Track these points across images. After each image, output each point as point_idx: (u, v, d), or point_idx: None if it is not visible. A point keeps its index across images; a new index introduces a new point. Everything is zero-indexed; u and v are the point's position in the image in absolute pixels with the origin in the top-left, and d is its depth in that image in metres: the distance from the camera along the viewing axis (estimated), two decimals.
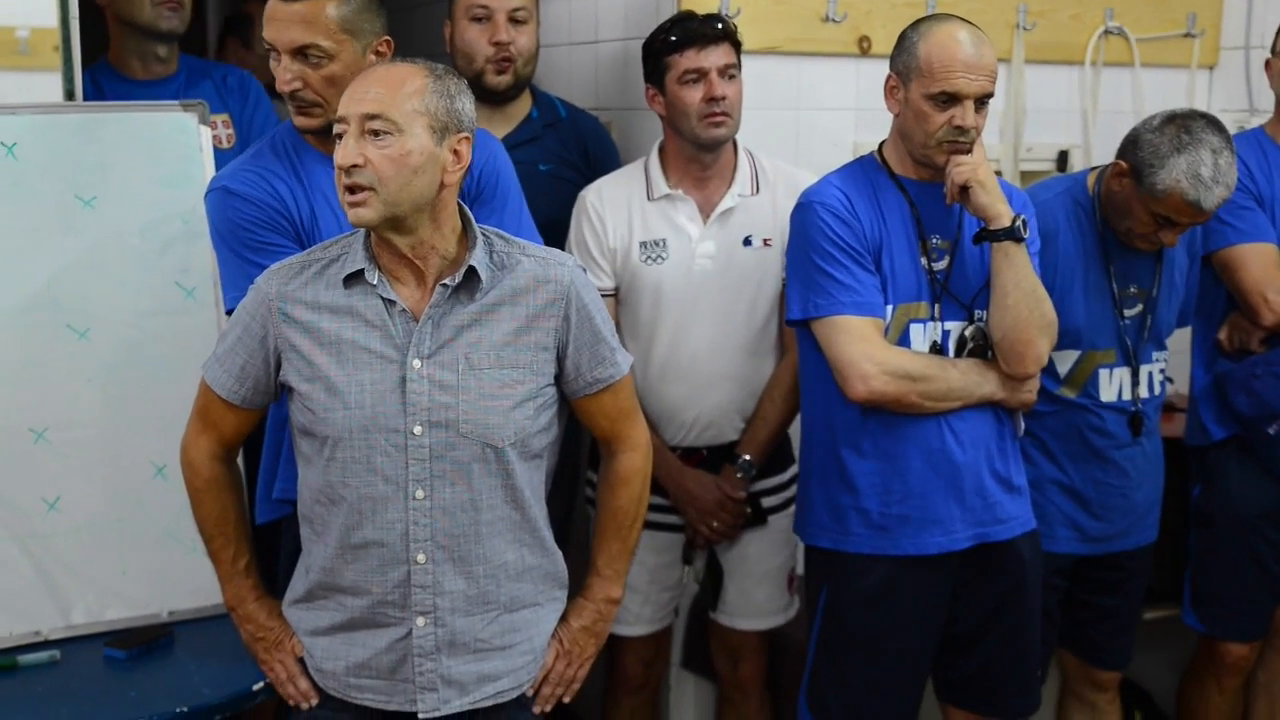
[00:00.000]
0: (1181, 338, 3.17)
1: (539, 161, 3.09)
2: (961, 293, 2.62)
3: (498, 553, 2.13)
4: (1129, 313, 2.89)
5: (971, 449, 2.60)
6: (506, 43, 3.02)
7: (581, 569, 2.27)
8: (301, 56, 2.36)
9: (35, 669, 2.43)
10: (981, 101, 2.52)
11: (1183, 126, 2.71)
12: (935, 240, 2.61)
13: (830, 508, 2.65)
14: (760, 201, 2.96)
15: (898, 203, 2.61)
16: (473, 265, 2.07)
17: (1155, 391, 2.95)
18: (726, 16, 3.02)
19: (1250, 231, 3.09)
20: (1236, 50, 3.79)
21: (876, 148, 2.68)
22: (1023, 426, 2.71)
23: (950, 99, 2.50)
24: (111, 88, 3.13)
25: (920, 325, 2.60)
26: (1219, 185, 2.68)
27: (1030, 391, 2.64)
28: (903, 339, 2.59)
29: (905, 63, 2.54)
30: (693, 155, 2.92)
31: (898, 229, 2.60)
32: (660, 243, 2.92)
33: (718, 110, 2.83)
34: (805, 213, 2.60)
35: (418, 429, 2.06)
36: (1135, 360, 2.90)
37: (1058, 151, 3.68)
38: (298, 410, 2.14)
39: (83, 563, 2.57)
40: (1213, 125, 2.73)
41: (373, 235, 2.09)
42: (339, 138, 2.03)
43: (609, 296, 2.92)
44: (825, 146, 3.30)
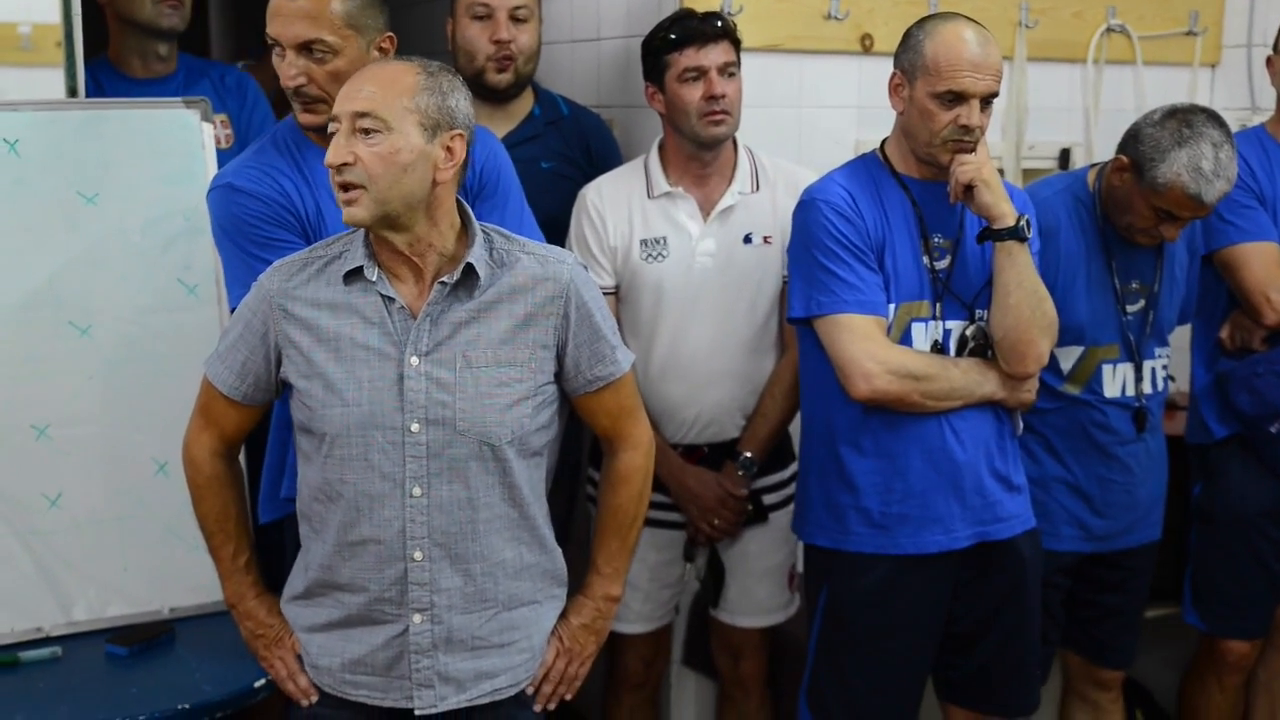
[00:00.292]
0: (1182, 336, 3.17)
1: (541, 159, 3.09)
2: (963, 292, 2.61)
3: (495, 550, 2.13)
4: (1131, 308, 2.89)
5: (972, 448, 2.60)
6: (507, 41, 3.01)
7: (583, 566, 2.27)
8: (306, 52, 2.36)
9: (36, 666, 2.43)
10: (987, 101, 2.52)
11: (1183, 120, 2.71)
12: (937, 239, 2.61)
13: (829, 506, 2.65)
14: (760, 199, 2.96)
15: (900, 201, 2.61)
16: (470, 262, 2.07)
17: (1158, 387, 2.95)
18: (727, 14, 3.01)
19: (1252, 230, 3.09)
20: (1238, 48, 3.79)
21: (879, 145, 2.68)
22: (1021, 425, 2.71)
23: (956, 98, 2.50)
24: (111, 85, 3.12)
25: (922, 324, 2.59)
26: (1220, 179, 2.68)
27: (1030, 391, 2.64)
28: (904, 338, 2.58)
29: (911, 61, 2.54)
30: (692, 153, 2.92)
31: (900, 227, 2.59)
32: (661, 240, 2.92)
33: (717, 108, 2.83)
34: (808, 210, 2.60)
35: (415, 426, 2.06)
36: (1138, 355, 2.90)
37: (1060, 149, 3.67)
38: (297, 407, 2.14)
39: (84, 559, 2.57)
40: (1213, 119, 2.73)
41: (371, 233, 2.09)
42: (333, 135, 2.04)
43: (609, 295, 2.91)
44: (827, 144, 3.30)
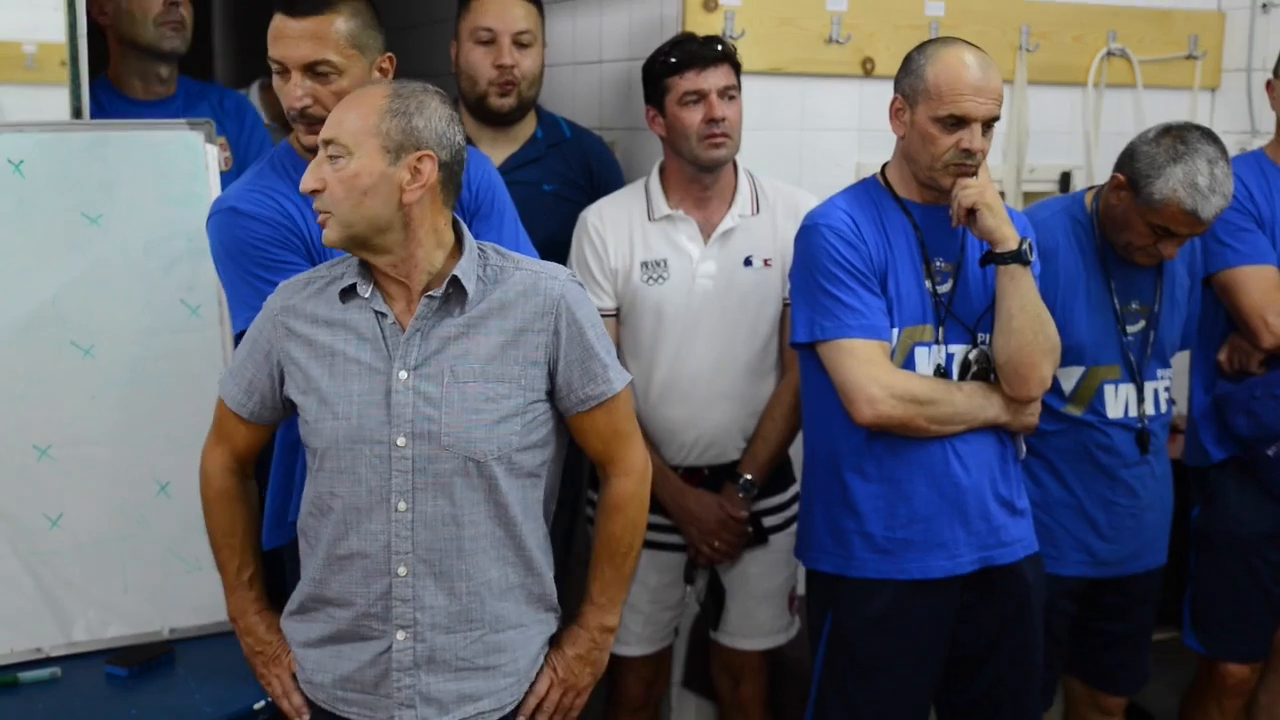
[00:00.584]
0: (1181, 358, 3.17)
1: (543, 181, 3.10)
2: (965, 316, 2.62)
3: (481, 569, 2.12)
4: (1132, 329, 2.89)
5: (975, 472, 2.60)
6: (510, 66, 3.02)
7: (583, 589, 2.26)
8: (312, 73, 2.36)
9: (36, 686, 2.43)
10: (988, 125, 2.52)
11: (1178, 137, 2.72)
12: (939, 263, 2.61)
13: (833, 532, 2.65)
14: (760, 222, 2.97)
15: (902, 225, 2.61)
16: (456, 276, 2.07)
17: (1161, 409, 2.95)
18: (727, 38, 3.03)
19: (1250, 253, 3.09)
20: (1238, 72, 3.81)
21: (880, 170, 2.69)
22: (1024, 449, 2.71)
23: (958, 122, 2.50)
24: (111, 105, 3.12)
25: (925, 348, 2.59)
26: (1215, 194, 2.68)
27: (1033, 415, 2.64)
28: (908, 362, 2.58)
29: (912, 85, 2.54)
30: (693, 176, 2.93)
31: (902, 251, 2.60)
32: (661, 263, 2.93)
33: (717, 131, 2.84)
34: (811, 235, 2.60)
35: (401, 440, 2.07)
36: (1139, 376, 2.90)
37: (1060, 172, 3.69)
38: (299, 424, 2.16)
39: (84, 580, 2.57)
40: (1208, 136, 2.74)
41: None
42: None
43: (610, 317, 2.92)
44: (828, 167, 3.31)
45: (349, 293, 2.11)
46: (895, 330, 2.58)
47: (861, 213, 2.60)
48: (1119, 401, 2.89)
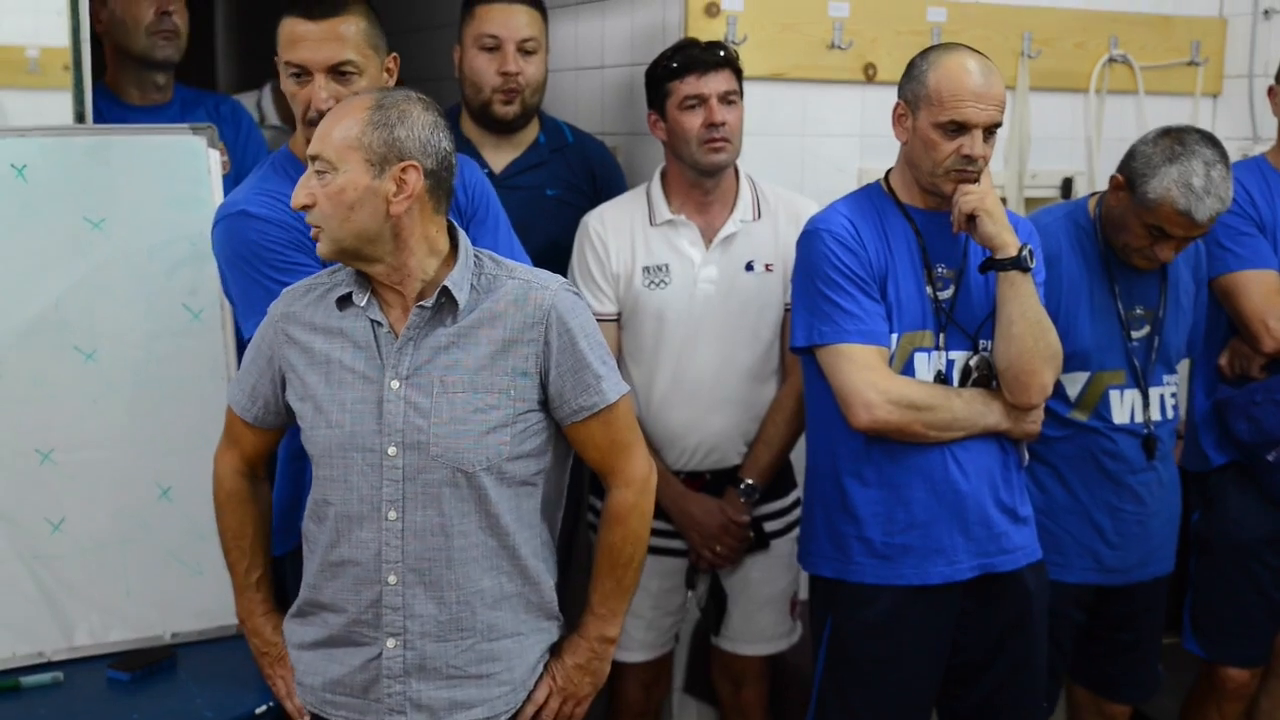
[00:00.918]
0: (1182, 364, 3.17)
1: (546, 186, 3.11)
2: (966, 322, 2.62)
3: (471, 579, 2.11)
4: (1136, 334, 2.89)
5: (975, 479, 2.60)
6: (515, 73, 3.02)
7: (584, 595, 2.25)
8: (336, 74, 2.36)
9: (38, 690, 2.43)
10: (990, 131, 2.52)
11: (1177, 139, 2.73)
12: (941, 269, 2.61)
13: (833, 537, 2.65)
14: (762, 227, 2.98)
15: (904, 231, 2.62)
16: (446, 286, 2.07)
17: (1167, 415, 2.94)
18: (729, 43, 3.03)
19: (1251, 258, 3.10)
20: (1240, 78, 3.81)
21: (883, 175, 2.69)
22: (1027, 457, 2.71)
23: (959, 128, 2.51)
24: (109, 111, 3.12)
25: (925, 354, 2.60)
26: (1211, 196, 2.67)
27: (1035, 422, 2.63)
28: (907, 368, 2.59)
29: (914, 91, 2.55)
30: (694, 181, 2.93)
31: (903, 257, 2.60)
32: (663, 267, 2.93)
33: (717, 136, 2.85)
34: (811, 240, 2.61)
35: (392, 450, 2.07)
36: (1144, 381, 2.89)
37: (1062, 178, 3.69)
38: (301, 430, 2.17)
39: (87, 584, 2.57)
40: (1207, 139, 2.74)
41: None
42: None
43: (611, 322, 2.93)
44: (830, 172, 3.32)
45: (346, 300, 2.11)
46: (895, 336, 2.58)
47: (863, 218, 2.61)
48: (1124, 407, 2.89)
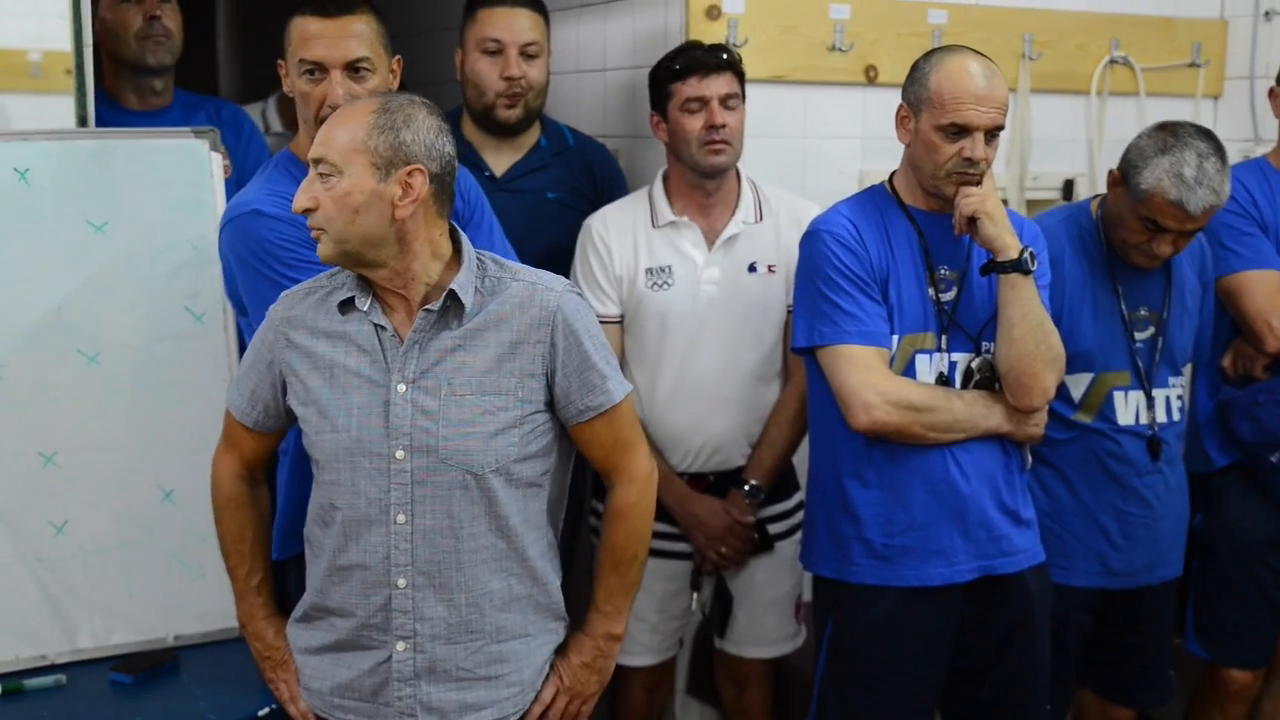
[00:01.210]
0: (1187, 366, 3.17)
1: (547, 189, 3.11)
2: (969, 324, 2.61)
3: (481, 581, 2.12)
4: (1140, 335, 2.88)
5: (976, 481, 2.59)
6: (518, 77, 3.02)
7: (587, 598, 2.25)
8: (351, 72, 2.37)
9: (41, 693, 2.43)
10: (992, 133, 2.52)
11: (1170, 131, 2.73)
12: (943, 271, 2.61)
13: (833, 537, 2.65)
14: (764, 229, 2.98)
15: (906, 233, 2.62)
16: (453, 289, 2.07)
17: (1173, 418, 2.93)
18: (732, 46, 3.03)
19: (1253, 258, 3.10)
20: (1241, 80, 3.81)
21: (887, 178, 2.69)
22: (1030, 460, 2.70)
23: (960, 130, 2.51)
24: (109, 116, 3.11)
25: (926, 356, 2.59)
26: (1203, 187, 2.67)
27: (1037, 425, 2.63)
28: (909, 369, 2.58)
29: (916, 93, 2.55)
30: (695, 183, 2.93)
31: (906, 259, 2.60)
32: (666, 269, 2.94)
33: (717, 138, 2.85)
34: (813, 241, 2.61)
35: (399, 453, 2.07)
36: (1148, 383, 2.89)
37: (1063, 180, 3.69)
38: (302, 434, 2.17)
39: (89, 587, 2.57)
40: (1202, 133, 2.74)
41: None
42: None
43: (615, 324, 2.93)
44: (831, 174, 3.32)
45: (347, 305, 2.11)
46: (896, 337, 2.58)
47: (865, 220, 2.61)
48: (1129, 408, 2.88)
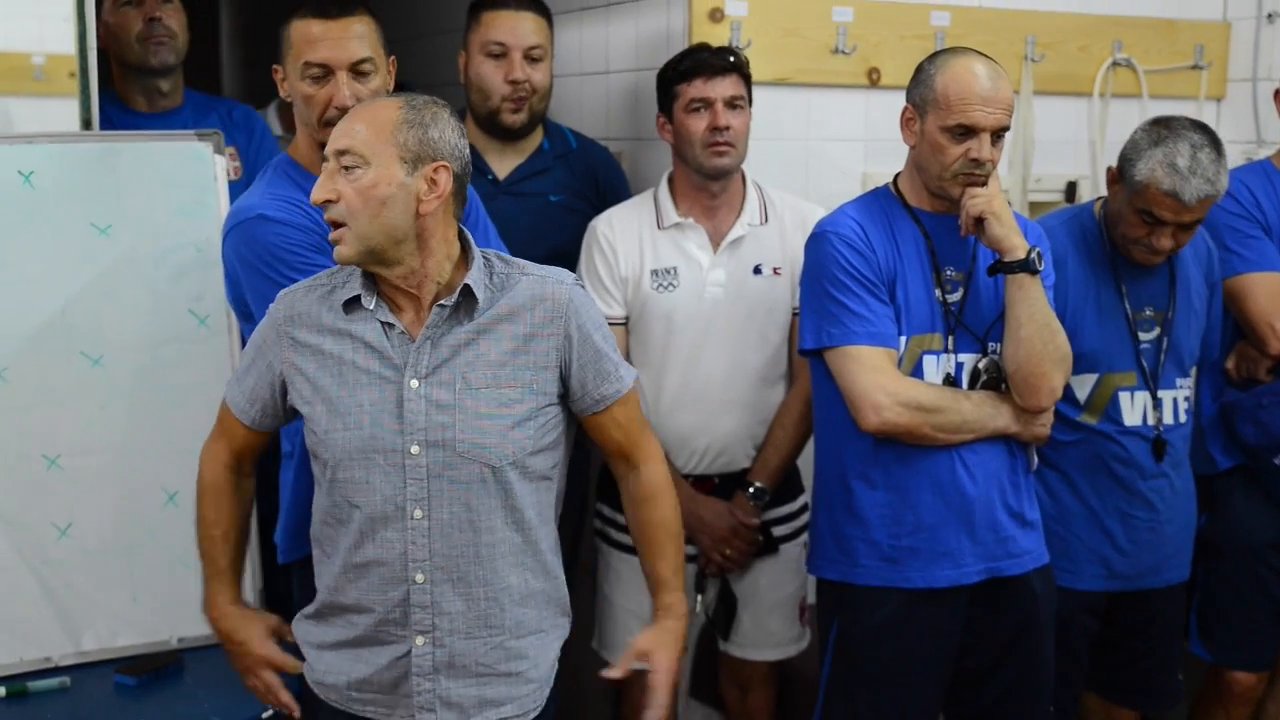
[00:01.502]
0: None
1: (550, 193, 3.11)
2: (975, 325, 2.61)
3: (499, 575, 2.12)
4: (1146, 336, 2.88)
5: (983, 482, 2.59)
6: (523, 80, 3.02)
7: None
8: (357, 72, 2.38)
9: (45, 695, 2.44)
10: (997, 135, 2.53)
11: (1164, 124, 2.74)
12: (949, 272, 2.61)
13: (838, 540, 2.65)
14: (769, 231, 2.98)
15: (912, 234, 2.62)
16: (468, 284, 2.08)
17: (1180, 419, 2.92)
18: (738, 49, 3.04)
19: (1257, 261, 3.10)
20: (1244, 82, 3.81)
21: (892, 179, 2.69)
22: (1035, 461, 2.70)
23: (966, 132, 2.51)
24: (119, 119, 3.12)
25: (933, 357, 2.59)
26: (1197, 177, 2.67)
27: (1044, 426, 2.63)
28: (916, 370, 2.58)
29: (922, 95, 2.55)
30: (700, 184, 2.93)
31: (912, 260, 2.60)
32: (671, 270, 2.94)
33: (721, 140, 2.85)
34: (820, 243, 2.61)
35: (415, 449, 2.07)
36: (1154, 383, 2.89)
37: (1066, 182, 3.68)
38: (306, 434, 2.16)
39: (93, 589, 2.58)
40: (1198, 127, 2.74)
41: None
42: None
43: (620, 326, 2.93)
44: (835, 177, 3.32)
45: (352, 303, 2.11)
46: (903, 338, 2.57)
47: (871, 221, 2.61)
48: (1135, 409, 2.88)
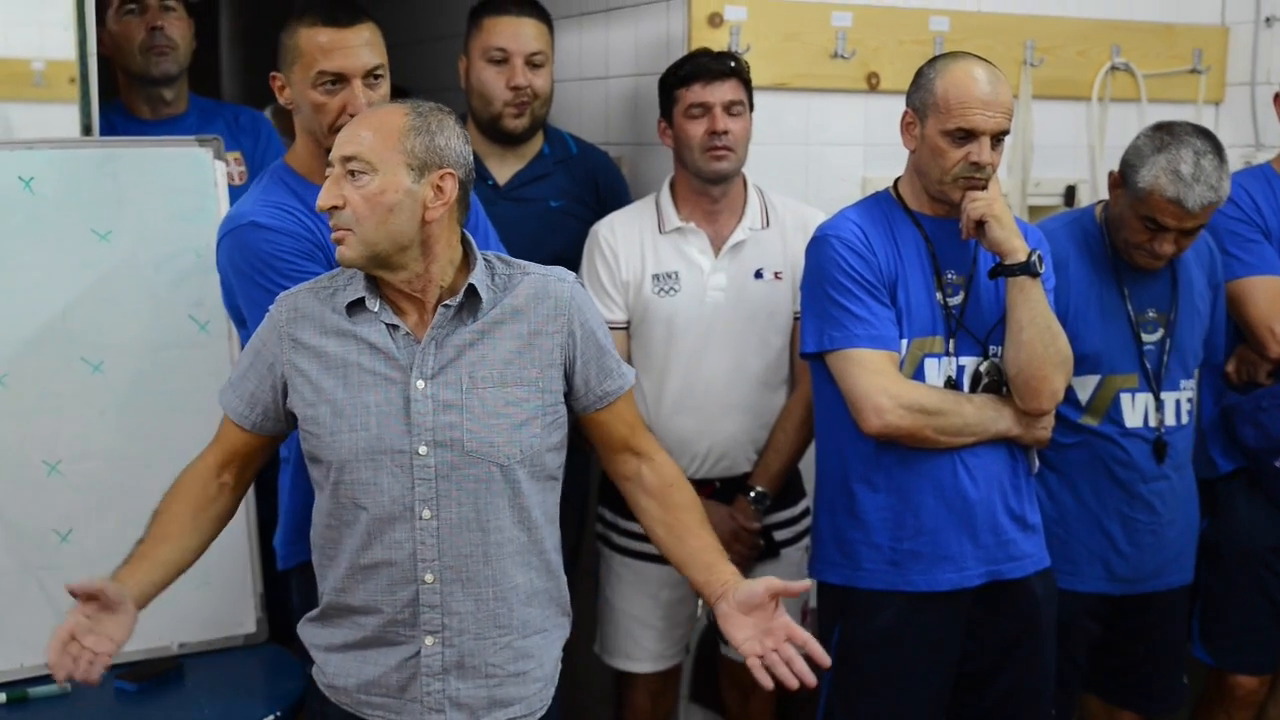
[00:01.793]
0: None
1: (550, 198, 3.11)
2: (976, 328, 2.62)
3: (507, 575, 2.12)
4: (1149, 337, 2.88)
5: (985, 485, 2.59)
6: (524, 86, 3.02)
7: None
8: (371, 79, 2.40)
9: (45, 702, 2.42)
10: (997, 138, 2.53)
11: (1167, 130, 2.74)
12: (950, 275, 2.62)
13: (840, 543, 2.65)
14: (770, 235, 2.98)
15: (913, 238, 2.62)
16: (473, 284, 2.08)
17: (1182, 421, 2.92)
18: (738, 54, 3.04)
19: (1257, 264, 3.10)
20: (1242, 86, 3.81)
21: (892, 183, 2.69)
22: (1036, 464, 2.70)
23: (967, 135, 2.51)
24: (125, 127, 3.12)
25: (935, 360, 2.60)
26: (1200, 184, 2.67)
27: (1045, 429, 2.63)
28: (917, 373, 2.59)
29: (922, 99, 2.56)
30: (701, 189, 2.94)
31: (913, 263, 2.60)
32: (673, 275, 2.94)
33: (719, 144, 2.86)
34: (821, 246, 2.61)
35: (422, 449, 2.07)
36: (1156, 385, 2.88)
37: (1065, 187, 3.68)
38: (305, 438, 2.15)
39: None
40: (1200, 132, 2.75)
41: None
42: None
43: (621, 330, 2.93)
44: (834, 181, 3.32)
45: (355, 305, 2.11)
46: (905, 341, 2.58)
47: (872, 225, 2.61)
48: (1137, 411, 2.87)
